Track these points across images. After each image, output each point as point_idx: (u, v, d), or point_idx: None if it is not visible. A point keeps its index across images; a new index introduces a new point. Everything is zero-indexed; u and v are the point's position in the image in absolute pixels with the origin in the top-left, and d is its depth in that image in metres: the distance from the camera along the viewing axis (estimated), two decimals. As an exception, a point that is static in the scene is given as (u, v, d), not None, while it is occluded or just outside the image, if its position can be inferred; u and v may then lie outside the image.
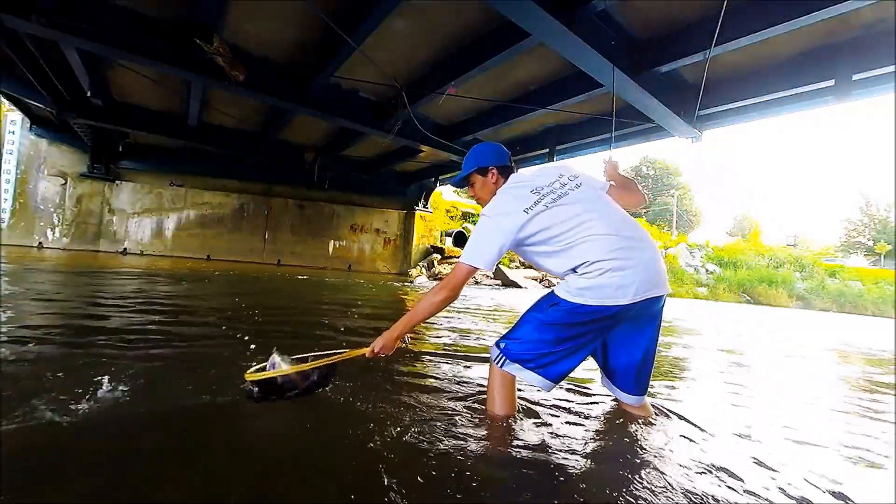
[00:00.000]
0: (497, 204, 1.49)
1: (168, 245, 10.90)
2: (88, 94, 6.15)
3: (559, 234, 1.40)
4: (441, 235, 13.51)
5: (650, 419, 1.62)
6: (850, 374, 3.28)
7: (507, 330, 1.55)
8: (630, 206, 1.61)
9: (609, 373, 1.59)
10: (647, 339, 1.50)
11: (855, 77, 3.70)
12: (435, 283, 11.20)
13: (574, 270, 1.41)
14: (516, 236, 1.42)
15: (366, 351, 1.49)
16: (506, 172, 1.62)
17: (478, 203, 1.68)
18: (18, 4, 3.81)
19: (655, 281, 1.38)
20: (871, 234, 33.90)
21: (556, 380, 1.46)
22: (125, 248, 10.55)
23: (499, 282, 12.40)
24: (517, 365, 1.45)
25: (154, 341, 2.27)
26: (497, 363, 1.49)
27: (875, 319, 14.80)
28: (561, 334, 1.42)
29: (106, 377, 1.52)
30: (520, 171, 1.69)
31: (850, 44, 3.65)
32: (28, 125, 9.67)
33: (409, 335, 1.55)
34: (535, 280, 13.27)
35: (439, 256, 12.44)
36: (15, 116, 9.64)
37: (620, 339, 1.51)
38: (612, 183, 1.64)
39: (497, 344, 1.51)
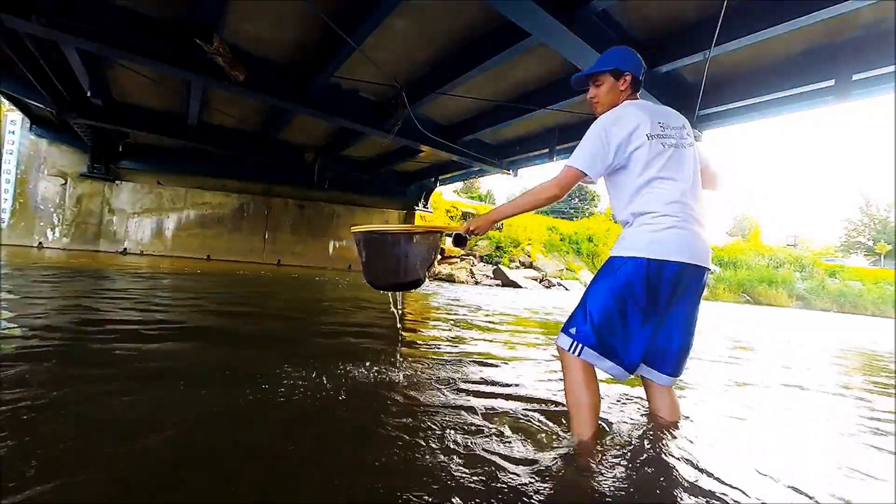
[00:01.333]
0: (626, 114, 1.40)
1: (168, 245, 10.90)
2: (88, 94, 6.15)
3: (655, 178, 1.37)
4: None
5: (678, 422, 1.56)
6: (851, 381, 3.27)
7: (568, 316, 1.44)
8: (707, 187, 1.64)
9: (654, 355, 1.47)
10: (695, 318, 1.49)
11: (855, 77, 3.70)
12: (434, 282, 11.19)
13: (635, 216, 1.40)
14: (628, 153, 1.37)
15: (461, 227, 1.60)
16: (636, 86, 1.53)
17: (592, 107, 1.57)
18: (18, 4, 3.81)
19: (705, 254, 1.39)
20: (871, 234, 33.90)
21: (632, 369, 1.39)
22: (125, 248, 10.55)
23: (499, 281, 12.42)
24: (594, 352, 1.35)
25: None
26: (572, 351, 1.37)
27: (875, 319, 14.80)
28: (631, 303, 1.34)
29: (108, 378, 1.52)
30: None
31: (850, 44, 3.65)
32: (28, 125, 9.67)
33: (501, 223, 1.59)
34: (535, 280, 13.28)
35: (439, 256, 12.44)
36: (15, 116, 9.63)
37: (675, 321, 1.44)
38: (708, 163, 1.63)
39: (566, 331, 1.41)
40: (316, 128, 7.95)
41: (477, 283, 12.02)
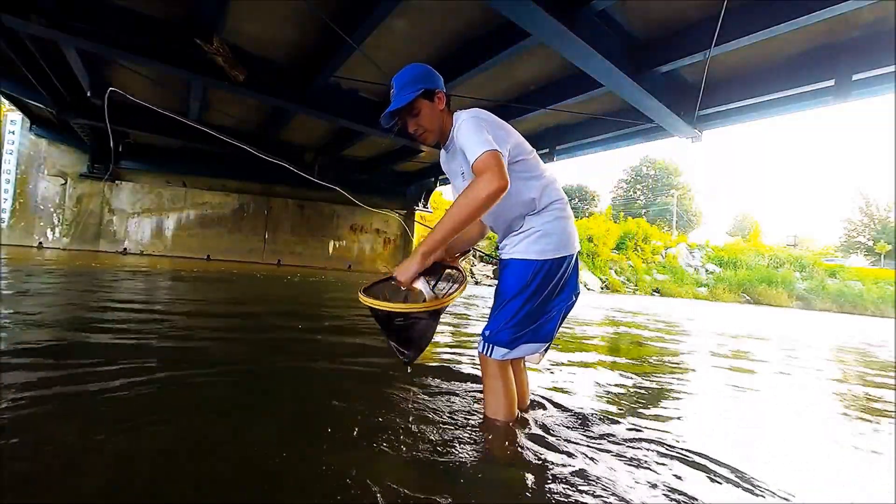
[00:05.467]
0: (488, 115, 1.31)
1: (168, 245, 10.90)
2: (88, 94, 6.15)
3: (537, 163, 1.37)
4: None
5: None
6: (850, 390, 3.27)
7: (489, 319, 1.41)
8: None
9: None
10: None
11: (855, 77, 3.70)
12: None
13: (544, 205, 1.35)
14: (511, 149, 1.29)
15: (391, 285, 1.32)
16: (448, 100, 1.39)
17: (421, 140, 1.41)
18: (18, 4, 3.82)
19: None
20: (871, 234, 33.89)
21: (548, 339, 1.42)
22: (125, 248, 10.55)
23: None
24: (505, 349, 1.34)
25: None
26: (485, 353, 1.36)
27: (875, 319, 14.80)
28: (544, 303, 1.34)
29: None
30: None
31: (850, 44, 3.65)
32: (28, 125, 9.68)
33: (458, 263, 1.43)
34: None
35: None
36: (15, 116, 9.65)
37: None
38: None
39: (483, 334, 1.38)
40: (316, 128, 7.96)
41: (477, 283, 12.04)
